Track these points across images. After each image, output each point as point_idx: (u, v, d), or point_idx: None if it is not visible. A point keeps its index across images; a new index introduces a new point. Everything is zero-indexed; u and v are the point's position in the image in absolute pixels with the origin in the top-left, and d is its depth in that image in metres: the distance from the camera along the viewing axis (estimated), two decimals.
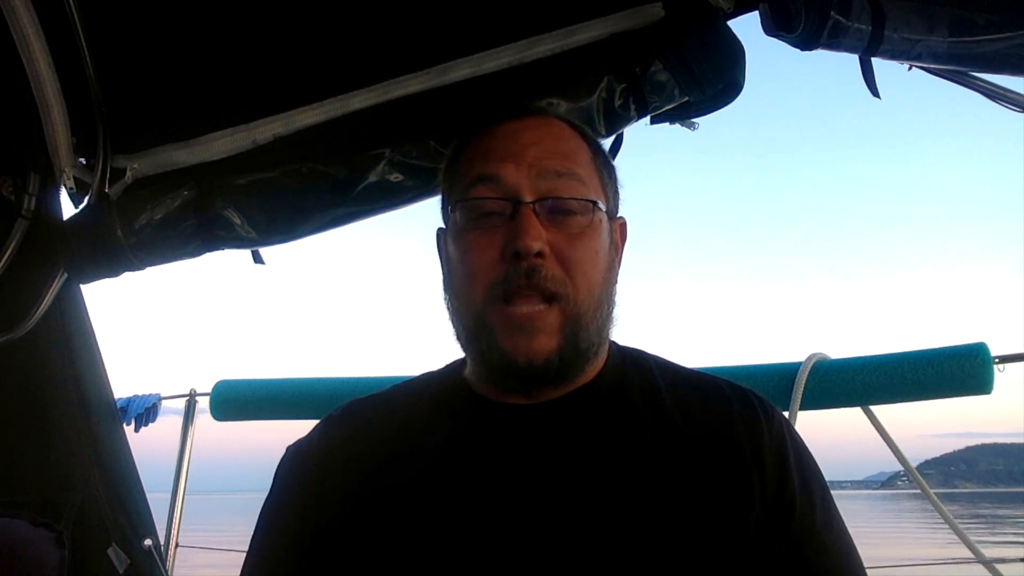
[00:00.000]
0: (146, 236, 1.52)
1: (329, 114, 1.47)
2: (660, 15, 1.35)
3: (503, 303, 0.85)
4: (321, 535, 0.89)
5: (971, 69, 1.33)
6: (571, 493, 0.84)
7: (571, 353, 0.86)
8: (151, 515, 1.75)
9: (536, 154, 0.89)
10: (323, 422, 1.00)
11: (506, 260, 0.85)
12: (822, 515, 0.89)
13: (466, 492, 0.86)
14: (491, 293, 0.86)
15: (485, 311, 0.86)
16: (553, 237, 0.86)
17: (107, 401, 1.73)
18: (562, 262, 0.86)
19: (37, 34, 1.39)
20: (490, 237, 0.87)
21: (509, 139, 0.91)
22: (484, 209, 0.88)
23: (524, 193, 0.87)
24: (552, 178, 0.88)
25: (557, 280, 0.85)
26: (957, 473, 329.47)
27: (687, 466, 0.86)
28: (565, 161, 0.90)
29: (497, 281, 0.85)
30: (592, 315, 0.88)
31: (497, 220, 0.87)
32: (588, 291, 0.87)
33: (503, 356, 0.85)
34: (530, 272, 0.84)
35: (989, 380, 1.65)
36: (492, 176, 0.88)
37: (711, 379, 0.97)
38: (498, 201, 0.88)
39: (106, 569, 1.58)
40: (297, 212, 1.49)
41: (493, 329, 0.86)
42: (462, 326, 0.91)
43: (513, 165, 0.88)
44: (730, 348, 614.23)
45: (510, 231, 0.85)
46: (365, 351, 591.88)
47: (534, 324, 0.84)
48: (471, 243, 0.88)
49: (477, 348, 0.89)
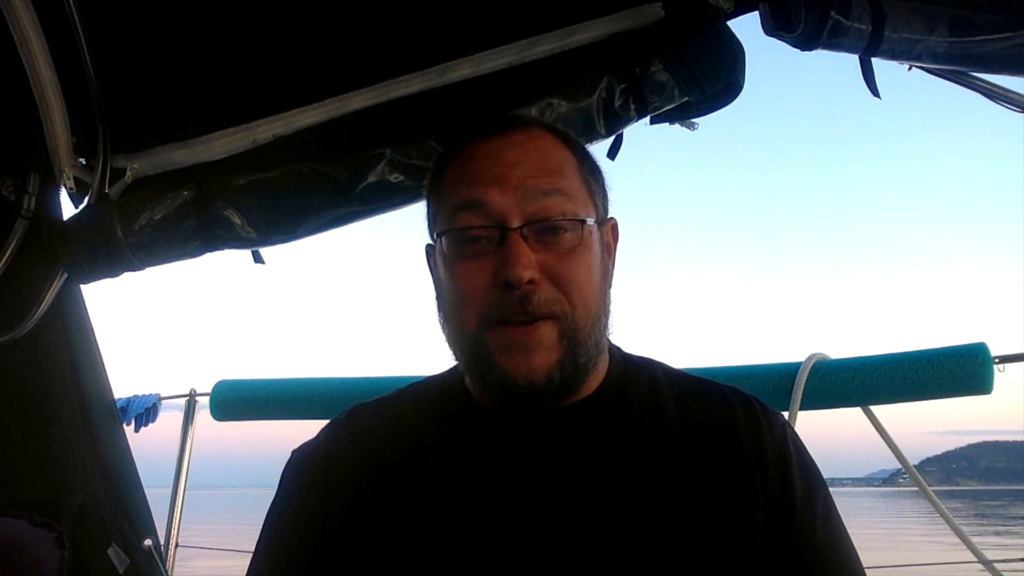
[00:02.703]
0: (146, 236, 1.52)
1: (329, 114, 1.47)
2: (660, 15, 1.35)
3: (499, 325, 0.84)
4: (326, 540, 0.89)
5: (971, 69, 1.33)
6: (575, 502, 0.84)
7: (571, 367, 0.86)
8: (151, 515, 1.75)
9: (521, 175, 0.87)
10: (327, 427, 1.00)
11: (498, 287, 0.84)
12: (823, 520, 0.89)
13: (470, 501, 0.86)
14: (485, 319, 0.85)
15: (480, 336, 0.86)
16: (544, 258, 0.85)
17: (107, 401, 1.73)
18: (555, 281, 0.85)
19: (37, 34, 1.39)
20: (479, 263, 0.85)
21: (492, 160, 0.89)
22: (471, 236, 0.87)
23: (511, 218, 0.85)
24: (539, 198, 0.86)
25: (552, 301, 0.84)
26: (959, 470, 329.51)
27: (690, 472, 0.86)
28: (551, 178, 0.88)
29: (490, 308, 0.84)
30: (590, 329, 0.87)
31: (485, 246, 0.86)
32: (584, 306, 0.86)
33: (503, 377, 0.85)
34: (523, 300, 0.83)
35: (989, 380, 1.65)
36: (477, 202, 0.86)
37: (715, 385, 0.97)
38: (485, 228, 0.86)
39: (106, 569, 1.58)
40: (297, 212, 1.49)
41: (490, 351, 0.85)
42: (459, 350, 0.90)
43: (497, 189, 0.86)
44: (730, 348, 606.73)
45: (499, 258, 0.84)
46: (365, 351, 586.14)
47: (531, 340, 0.84)
48: (460, 271, 0.87)
49: (476, 372, 0.89)
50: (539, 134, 0.93)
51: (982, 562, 1.84)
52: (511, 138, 0.91)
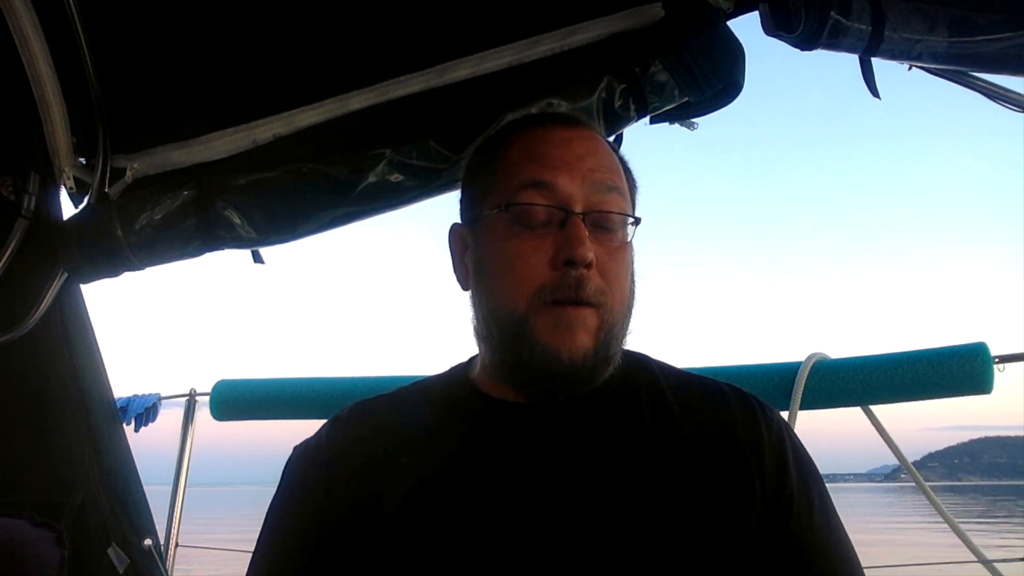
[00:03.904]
0: (146, 236, 1.52)
1: (329, 114, 1.47)
2: (660, 15, 1.36)
3: (551, 305, 0.87)
4: (328, 535, 0.90)
5: (971, 69, 1.33)
6: (582, 490, 0.85)
7: (603, 355, 0.89)
8: (151, 515, 1.75)
9: (590, 166, 0.91)
10: (330, 422, 1.01)
11: (556, 267, 0.86)
12: (820, 514, 0.91)
13: (480, 490, 0.87)
14: (537, 297, 0.87)
15: (527, 313, 0.87)
16: (596, 250, 0.88)
17: (107, 401, 1.73)
18: (603, 275, 0.88)
19: (37, 34, 1.39)
20: (537, 243, 0.88)
21: (564, 147, 0.92)
22: (534, 214, 0.89)
23: (576, 203, 0.89)
24: (602, 191, 0.90)
25: (601, 292, 0.87)
26: (960, 466, 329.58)
27: (690, 465, 0.87)
28: (613, 176, 0.93)
29: (546, 286, 0.86)
30: (621, 326, 0.91)
31: (546, 227, 0.89)
32: (622, 303, 0.90)
33: (546, 352, 0.86)
34: (579, 282, 0.86)
35: (989, 380, 1.65)
36: (546, 183, 0.89)
37: (711, 381, 0.98)
38: (550, 209, 0.89)
39: (106, 569, 1.58)
40: (297, 212, 1.49)
41: (537, 328, 0.87)
42: (497, 327, 0.91)
43: (568, 174, 0.89)
44: (730, 348, 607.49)
45: (562, 239, 0.87)
46: (364, 351, 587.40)
47: (578, 322, 0.86)
48: (518, 247, 0.89)
49: (515, 349, 0.89)
50: (599, 137, 0.98)
51: (982, 561, 1.85)
52: (580, 132, 0.95)
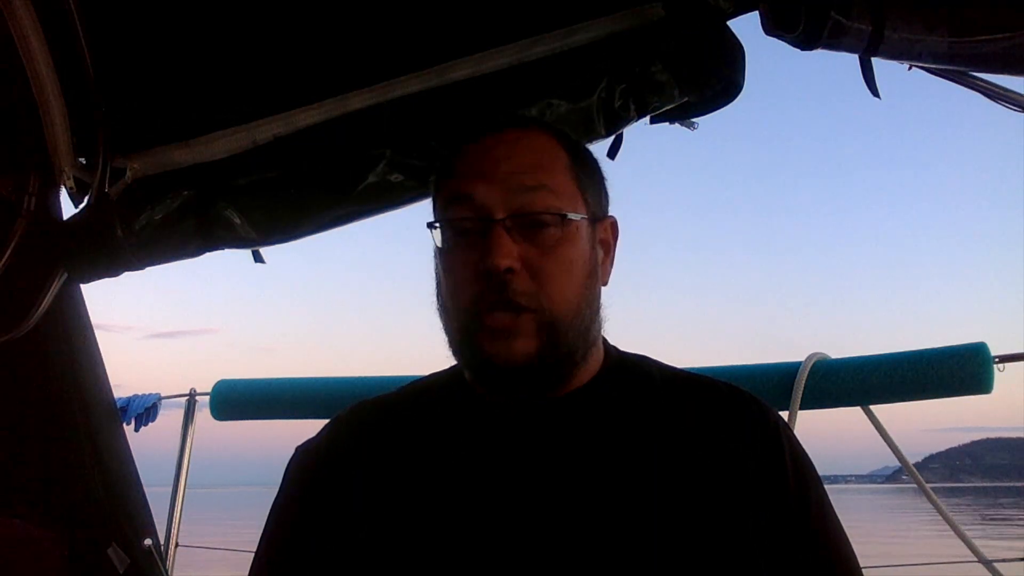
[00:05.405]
0: (146, 236, 1.52)
1: (329, 114, 1.48)
2: (660, 15, 1.36)
3: (483, 314, 0.88)
4: (330, 535, 0.90)
5: (971, 69, 1.33)
6: (566, 489, 0.86)
7: (551, 355, 0.89)
8: (151, 515, 1.75)
9: (507, 169, 0.91)
10: (331, 422, 1.02)
11: (482, 276, 0.88)
12: (817, 514, 0.90)
13: (467, 488, 0.87)
14: (473, 307, 0.89)
15: (468, 322, 0.90)
16: (526, 251, 0.88)
17: (107, 401, 1.74)
18: (533, 275, 0.88)
19: (37, 34, 1.39)
20: (468, 255, 0.90)
21: (482, 156, 0.93)
22: (460, 228, 0.91)
23: (496, 210, 0.89)
24: (524, 193, 0.90)
25: (527, 294, 0.87)
26: (962, 467, 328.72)
27: (685, 464, 0.87)
28: (536, 174, 0.92)
29: (477, 296, 0.88)
30: (571, 320, 0.90)
31: (474, 238, 0.90)
32: (563, 300, 0.89)
33: (485, 361, 0.89)
34: (501, 288, 0.87)
35: (989, 380, 1.65)
36: (466, 195, 0.91)
37: (709, 381, 0.98)
38: (472, 220, 0.90)
39: (106, 569, 1.59)
40: (297, 212, 1.49)
41: (476, 336, 0.89)
42: (449, 335, 0.94)
43: (485, 183, 0.90)
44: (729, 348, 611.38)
45: (483, 248, 0.88)
46: (364, 351, 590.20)
47: (509, 331, 0.87)
48: (451, 261, 0.92)
49: (464, 355, 0.93)
50: (531, 132, 0.97)
51: (982, 561, 1.85)
52: (503, 136, 0.95)
